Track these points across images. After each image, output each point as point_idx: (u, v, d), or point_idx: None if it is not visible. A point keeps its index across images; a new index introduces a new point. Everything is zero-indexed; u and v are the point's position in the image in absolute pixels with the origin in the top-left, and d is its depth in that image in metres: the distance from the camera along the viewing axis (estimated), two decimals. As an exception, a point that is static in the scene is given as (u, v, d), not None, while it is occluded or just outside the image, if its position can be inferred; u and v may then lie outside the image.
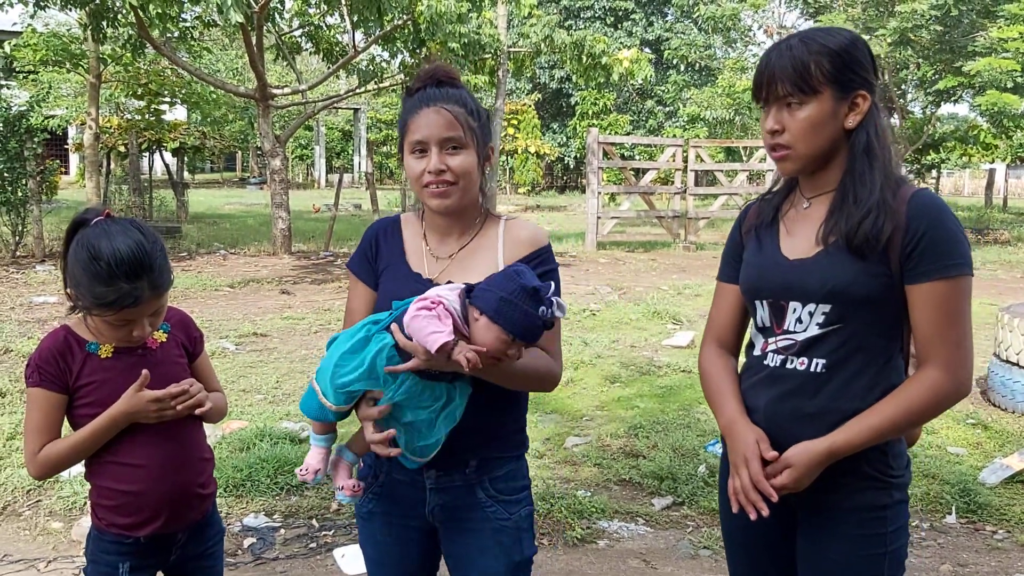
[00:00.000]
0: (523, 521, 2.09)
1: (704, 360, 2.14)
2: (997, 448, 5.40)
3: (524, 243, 2.04)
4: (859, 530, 1.90)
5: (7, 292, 10.22)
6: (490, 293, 1.80)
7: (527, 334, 1.81)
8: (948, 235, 1.81)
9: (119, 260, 2.00)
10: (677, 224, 17.36)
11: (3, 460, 4.87)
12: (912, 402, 1.82)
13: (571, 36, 16.64)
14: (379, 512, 2.12)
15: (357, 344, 1.87)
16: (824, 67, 1.82)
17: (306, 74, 26.62)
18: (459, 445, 1.96)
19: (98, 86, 17.57)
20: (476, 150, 1.99)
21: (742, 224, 2.11)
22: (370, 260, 2.13)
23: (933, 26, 17.46)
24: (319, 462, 1.99)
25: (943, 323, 1.81)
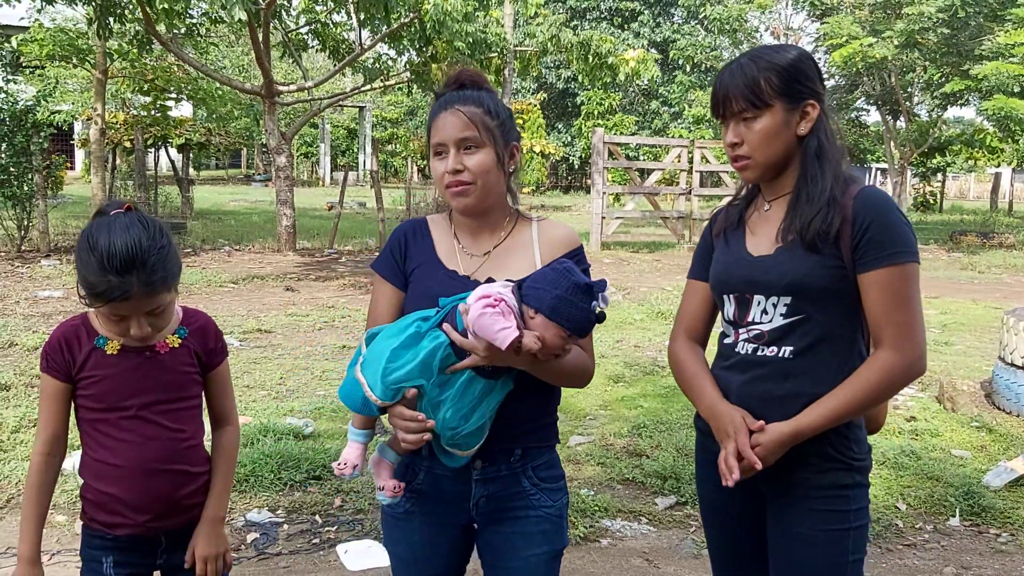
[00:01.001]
0: (563, 509, 2.15)
1: (677, 350, 2.28)
2: (1001, 451, 5.39)
3: (560, 243, 2.11)
4: (824, 506, 2.03)
5: (12, 286, 10.24)
6: (544, 291, 1.85)
7: (581, 330, 1.88)
8: (891, 226, 1.95)
9: (111, 253, 2.00)
10: (682, 225, 17.36)
11: (7, 453, 4.89)
12: (867, 383, 1.96)
13: (577, 36, 16.65)
14: (418, 511, 2.11)
15: (408, 340, 1.89)
16: (773, 82, 1.99)
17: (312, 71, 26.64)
18: (505, 434, 2.01)
19: (104, 81, 17.58)
20: (494, 148, 2.02)
21: (712, 227, 2.27)
22: (398, 261, 2.14)
23: (940, 29, 17.43)
24: (357, 457, 2.00)
25: (891, 307, 1.94)
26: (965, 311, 10.64)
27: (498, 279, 2.01)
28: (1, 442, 5.02)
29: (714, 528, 2.33)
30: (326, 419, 5.66)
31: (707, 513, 2.35)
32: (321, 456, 4.80)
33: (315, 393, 6.30)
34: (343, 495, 4.49)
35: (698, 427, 2.31)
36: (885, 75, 20.85)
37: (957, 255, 17.13)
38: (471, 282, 2.03)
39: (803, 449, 2.00)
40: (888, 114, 23.19)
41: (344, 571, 3.80)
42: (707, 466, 2.24)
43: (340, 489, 4.55)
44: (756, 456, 1.96)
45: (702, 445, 2.29)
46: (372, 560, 3.86)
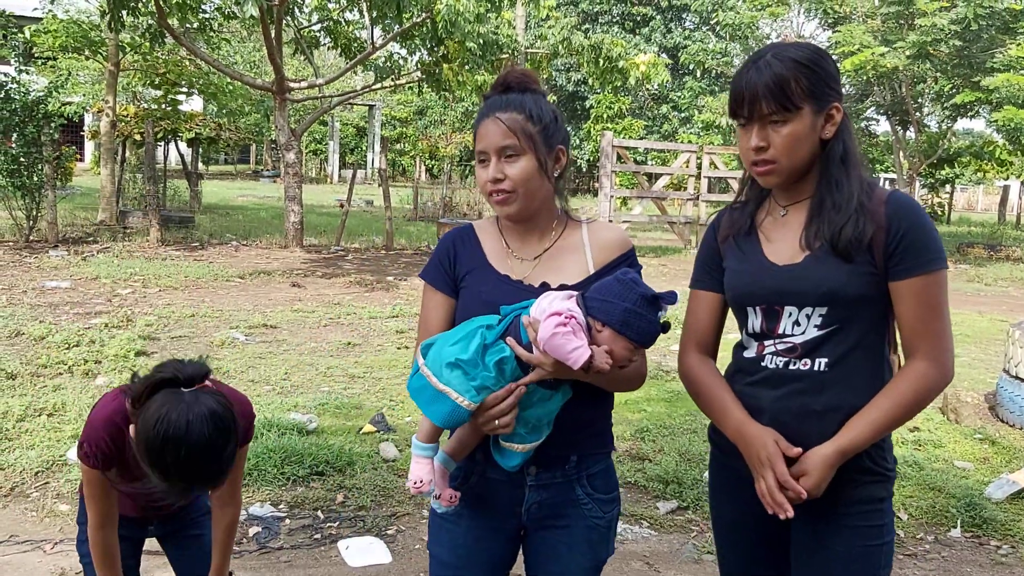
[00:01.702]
0: (614, 521, 2.13)
1: (690, 367, 2.15)
2: (1004, 463, 5.38)
3: (612, 246, 2.06)
4: (862, 522, 1.96)
5: (20, 276, 10.28)
6: (612, 304, 1.82)
7: (649, 340, 1.86)
8: (926, 232, 1.90)
9: (184, 471, 1.97)
10: (689, 230, 17.36)
11: (12, 441, 4.91)
12: (905, 395, 1.90)
13: (588, 39, 16.65)
14: (467, 515, 2.09)
15: (476, 353, 1.85)
16: (802, 83, 1.88)
17: (323, 69, 26.69)
18: (560, 440, 1.99)
19: (116, 74, 17.64)
20: (536, 155, 1.98)
21: (717, 233, 2.14)
22: (447, 269, 2.12)
23: (952, 41, 17.39)
24: (429, 473, 1.96)
25: (927, 316, 1.90)
26: (971, 323, 10.62)
27: (552, 283, 2.00)
28: (6, 431, 5.04)
29: (730, 549, 2.21)
30: (330, 415, 5.67)
31: (722, 533, 2.22)
32: (324, 452, 4.82)
33: (319, 389, 6.31)
34: (345, 491, 4.50)
35: (713, 441, 2.19)
36: (896, 85, 20.81)
37: (964, 267, 17.09)
38: (524, 286, 2.01)
39: (843, 464, 1.91)
40: (898, 124, 23.15)
41: (345, 567, 3.81)
42: (724, 485, 2.16)
43: (342, 485, 4.57)
44: (805, 487, 1.87)
45: (720, 462, 2.18)
46: (373, 557, 3.87)
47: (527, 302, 1.90)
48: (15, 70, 12.90)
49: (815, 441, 1.91)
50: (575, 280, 1.98)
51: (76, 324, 7.75)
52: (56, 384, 6.00)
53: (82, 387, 5.94)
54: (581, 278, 1.99)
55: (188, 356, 2.29)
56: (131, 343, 6.98)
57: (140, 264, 11.51)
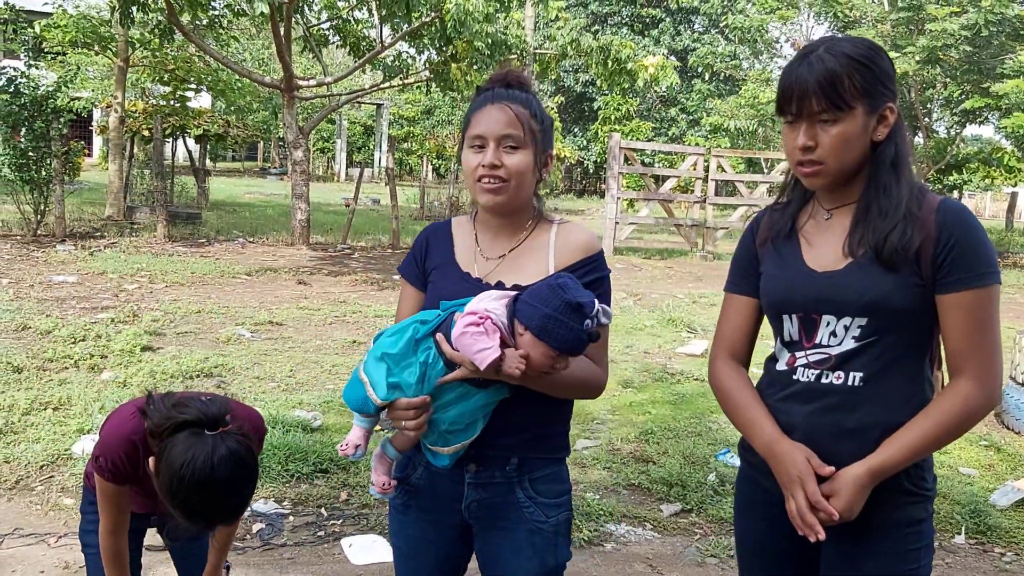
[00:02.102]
0: (561, 526, 2.07)
1: (720, 376, 2.07)
2: (1009, 471, 5.37)
3: (576, 249, 2.03)
4: (897, 545, 1.86)
5: (27, 270, 10.31)
6: (534, 308, 1.79)
7: (572, 349, 1.80)
8: (978, 243, 1.79)
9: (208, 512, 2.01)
10: (695, 233, 17.33)
11: (18, 435, 4.92)
12: (947, 416, 1.79)
13: (597, 40, 16.64)
14: (414, 505, 2.11)
15: (407, 343, 1.87)
16: (856, 81, 1.78)
17: (332, 67, 26.72)
18: (502, 442, 1.97)
19: (125, 70, 17.68)
20: (534, 153, 1.99)
21: (755, 235, 2.06)
22: (419, 263, 2.13)
23: (962, 46, 17.35)
24: (360, 439, 1.99)
25: (975, 333, 1.78)
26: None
27: (509, 283, 1.99)
28: (12, 424, 5.05)
29: (754, 568, 2.11)
30: (334, 413, 5.68)
31: (746, 552, 2.12)
32: (329, 450, 4.82)
33: (324, 387, 6.32)
34: (349, 489, 4.51)
35: (743, 456, 2.09)
36: (905, 90, 20.77)
37: (971, 273, 17.03)
38: (483, 285, 2.01)
39: (880, 484, 1.81)
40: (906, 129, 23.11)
41: (348, 564, 3.81)
42: (752, 503, 2.06)
43: (346, 483, 4.57)
44: (836, 508, 1.78)
45: (749, 479, 2.08)
46: (376, 555, 3.88)
47: (466, 299, 1.89)
48: (24, 65, 12.93)
49: (849, 460, 1.82)
50: (531, 281, 1.93)
51: (82, 319, 7.77)
52: (62, 378, 6.02)
53: (88, 381, 5.96)
54: (538, 279, 1.94)
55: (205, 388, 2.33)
56: (137, 338, 7.00)
57: (147, 260, 11.53)
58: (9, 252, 11.48)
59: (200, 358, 6.59)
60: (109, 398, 5.51)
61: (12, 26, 14.17)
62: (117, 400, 5.45)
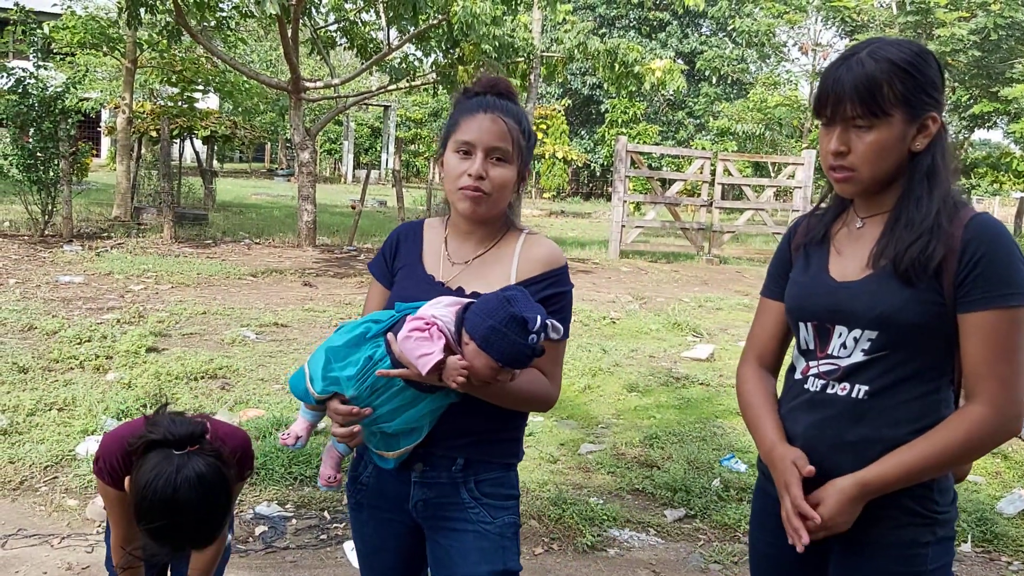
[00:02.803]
0: (506, 529, 2.06)
1: (744, 379, 2.06)
2: (1016, 478, 5.34)
3: (539, 261, 2.04)
4: (897, 567, 1.80)
5: (34, 270, 10.33)
6: (480, 319, 1.79)
7: (515, 362, 1.80)
8: (1006, 261, 1.70)
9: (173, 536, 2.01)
10: (701, 237, 17.30)
11: (23, 436, 4.93)
12: (952, 440, 1.72)
13: (605, 44, 16.62)
14: (366, 504, 2.14)
15: (354, 340, 1.91)
16: (896, 88, 1.72)
17: (339, 69, 26.77)
18: (447, 442, 1.99)
19: (133, 71, 17.72)
20: (518, 168, 2.01)
21: (791, 240, 2.03)
22: (388, 261, 2.16)
23: (971, 51, 17.31)
24: (302, 430, 2.04)
25: (994, 356, 1.70)
26: None
27: (470, 289, 2.00)
28: (17, 424, 5.06)
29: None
30: (338, 416, 5.67)
31: (756, 561, 2.10)
32: (332, 452, 4.81)
33: (329, 389, 6.31)
34: (352, 492, 4.50)
35: (760, 469, 2.06)
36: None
37: (978, 279, 16.98)
38: (444, 289, 2.02)
39: (879, 501, 1.77)
40: (914, 134, 23.05)
41: (350, 568, 3.80)
42: (764, 512, 2.03)
43: (350, 486, 4.56)
44: (821, 514, 1.75)
45: (763, 489, 2.05)
46: (379, 558, 3.86)
47: (421, 303, 1.90)
48: (33, 65, 12.96)
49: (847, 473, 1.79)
50: (492, 289, 1.93)
51: (88, 319, 7.78)
52: (67, 379, 6.03)
53: (93, 382, 5.96)
54: (499, 287, 1.94)
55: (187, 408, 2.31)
56: (143, 339, 7.00)
57: (153, 260, 11.55)
58: (16, 252, 11.51)
59: (205, 359, 6.59)
60: (114, 399, 5.52)
61: (21, 27, 14.18)
62: (122, 401, 5.46)
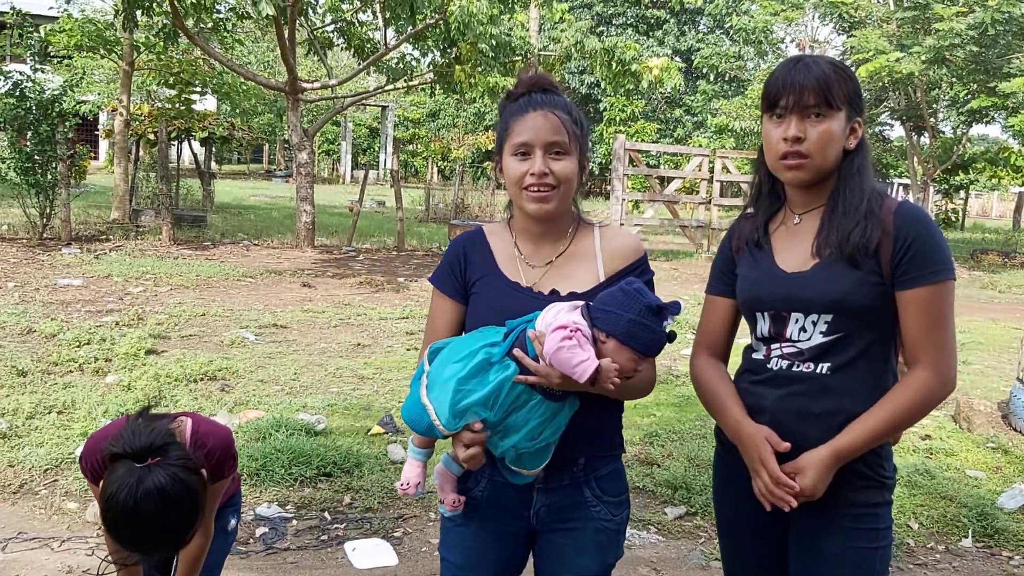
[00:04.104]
0: (623, 523, 2.12)
1: (698, 368, 2.21)
2: (1017, 473, 5.33)
3: (624, 252, 2.05)
4: (853, 524, 1.99)
5: (33, 273, 10.33)
6: (617, 315, 1.81)
7: (654, 350, 1.85)
8: (934, 243, 1.93)
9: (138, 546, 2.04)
10: (700, 234, 17.31)
11: (22, 439, 4.92)
12: (905, 403, 1.93)
13: (602, 42, 16.62)
14: (476, 518, 2.09)
15: (476, 368, 1.83)
16: (843, 88, 1.95)
17: (336, 70, 26.74)
18: (567, 444, 1.97)
19: (131, 73, 17.72)
20: (578, 158, 2.00)
21: (732, 240, 2.19)
22: (457, 275, 2.10)
23: (969, 46, 17.29)
24: (418, 476, 2.01)
25: (930, 326, 1.93)
26: (984, 330, 10.55)
27: (563, 291, 1.99)
28: (16, 428, 5.05)
29: (731, 545, 2.27)
30: (338, 416, 5.67)
31: (725, 529, 2.29)
32: (332, 453, 4.81)
33: (328, 390, 6.31)
34: (352, 493, 4.50)
35: (718, 439, 2.25)
36: (910, 90, 20.72)
37: (978, 274, 16.99)
38: (534, 293, 2.00)
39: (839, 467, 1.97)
40: (912, 130, 23.04)
41: (351, 569, 3.80)
42: (726, 480, 2.21)
43: (349, 487, 4.56)
44: (801, 485, 1.93)
45: (723, 459, 2.23)
46: (379, 559, 3.86)
47: (532, 315, 1.89)
48: (30, 69, 12.96)
49: (813, 443, 1.96)
50: (585, 288, 1.96)
51: (87, 322, 7.78)
52: (66, 382, 6.02)
53: (92, 385, 5.96)
54: (591, 286, 1.98)
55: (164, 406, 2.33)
56: (142, 342, 7.00)
57: (152, 263, 11.55)
58: (15, 255, 11.51)
59: (204, 361, 6.59)
60: (113, 402, 5.51)
61: (18, 30, 14.18)
62: (121, 404, 5.46)
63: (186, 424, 2.32)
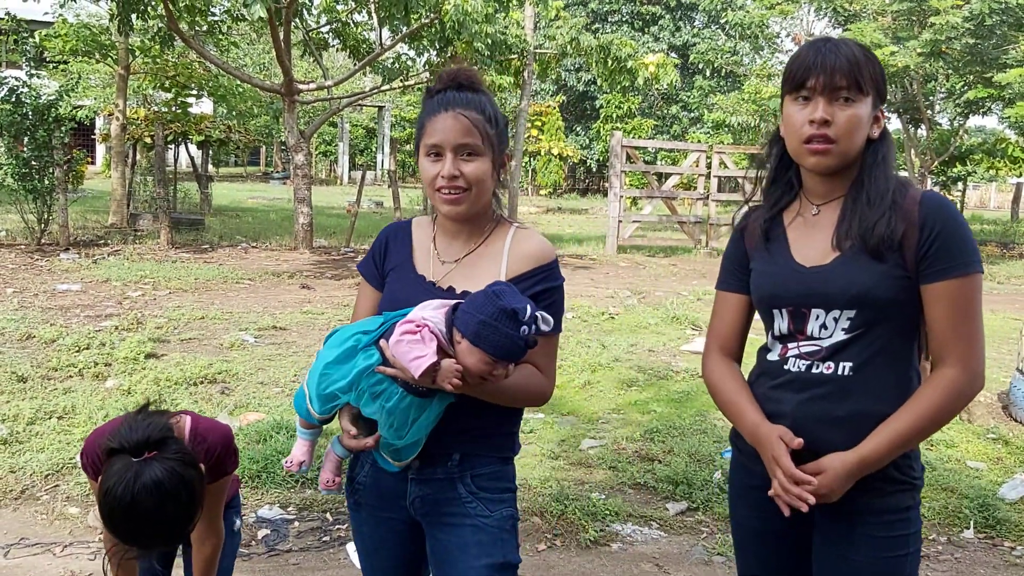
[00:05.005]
0: (505, 522, 2.06)
1: (711, 369, 2.13)
2: (1018, 464, 5.34)
3: (528, 257, 2.03)
4: (886, 532, 1.89)
5: (31, 279, 10.32)
6: (470, 316, 1.81)
7: (508, 355, 1.82)
8: (961, 234, 1.84)
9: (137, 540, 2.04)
10: (699, 230, 17.30)
11: (23, 444, 4.92)
12: (934, 404, 1.83)
13: (597, 39, 16.60)
14: (364, 503, 2.15)
15: (344, 354, 1.91)
16: (872, 72, 1.86)
17: (332, 70, 26.74)
18: (443, 439, 1.99)
19: (126, 77, 17.70)
20: (491, 157, 1.99)
21: (744, 233, 2.11)
22: (377, 263, 2.15)
23: (965, 38, 17.28)
24: (304, 454, 2.11)
25: (958, 320, 1.84)
26: (983, 321, 10.53)
27: (459, 288, 2.00)
28: (17, 433, 5.05)
29: (748, 554, 2.15)
30: (339, 417, 5.66)
31: (742, 537, 2.17)
32: (333, 454, 4.81)
33: (328, 391, 6.30)
34: (354, 493, 4.50)
35: (735, 444, 2.14)
36: (907, 83, 20.70)
37: (976, 265, 16.96)
38: (436, 289, 2.02)
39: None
40: (909, 122, 23.02)
41: (353, 570, 3.80)
42: (744, 489, 2.10)
43: (351, 487, 4.56)
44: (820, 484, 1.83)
45: (740, 465, 2.12)
46: (381, 559, 3.86)
47: (408, 309, 1.91)
48: (26, 74, 12.94)
49: (841, 448, 1.86)
50: (483, 287, 1.93)
51: (87, 327, 7.77)
52: (66, 387, 6.02)
53: (92, 390, 5.96)
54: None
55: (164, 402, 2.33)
56: (141, 346, 7.00)
57: (150, 266, 11.54)
58: (13, 261, 11.50)
59: (204, 364, 6.59)
60: (114, 406, 5.51)
61: (13, 36, 14.16)
62: (122, 408, 5.46)
63: (185, 421, 2.33)
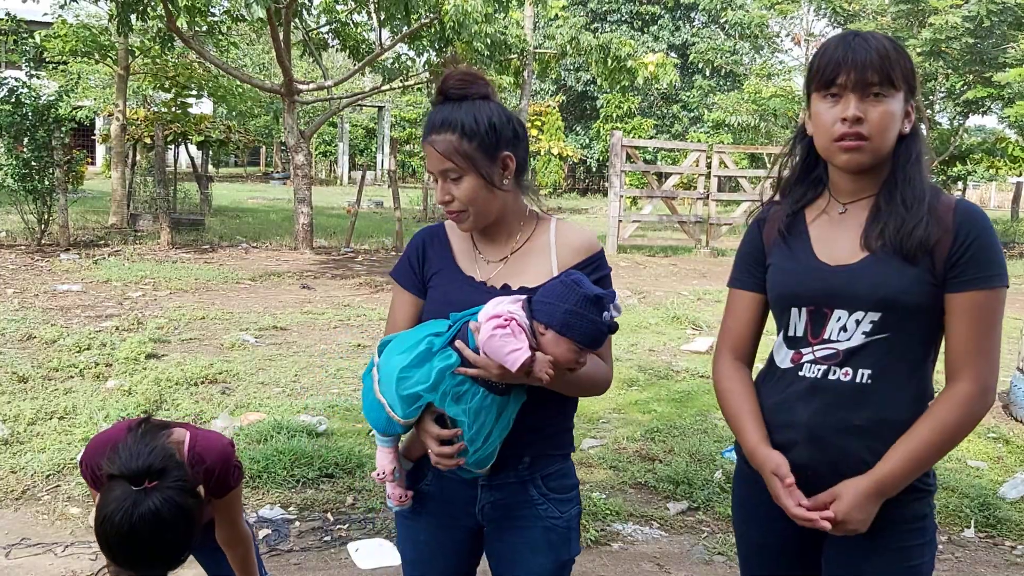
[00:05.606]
0: (573, 520, 2.10)
1: (721, 375, 2.06)
2: (1019, 463, 5.34)
3: (578, 249, 2.03)
4: (902, 542, 1.85)
5: (32, 279, 10.32)
6: (554, 306, 1.81)
7: (594, 342, 1.84)
8: (992, 245, 1.80)
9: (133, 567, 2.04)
10: (699, 229, 17.30)
11: (24, 445, 4.92)
12: (950, 422, 1.78)
13: (597, 39, 16.62)
14: (424, 512, 2.12)
15: (418, 358, 1.88)
16: (903, 66, 1.80)
17: (332, 71, 26.73)
18: (513, 442, 1.97)
19: (126, 78, 17.70)
20: (479, 171, 1.93)
21: (762, 228, 2.02)
22: (416, 269, 2.11)
23: (964, 38, 17.28)
24: (391, 462, 2.04)
25: (980, 334, 1.78)
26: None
27: (514, 285, 1.99)
28: (18, 434, 5.06)
29: (756, 568, 2.10)
30: (339, 417, 5.67)
31: (749, 552, 2.11)
32: (334, 454, 4.81)
33: (329, 391, 6.31)
34: (355, 493, 4.50)
35: (739, 454, 2.07)
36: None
37: (976, 264, 16.97)
38: (488, 288, 2.01)
39: None
40: (909, 121, 23.02)
41: (355, 569, 3.80)
42: (751, 501, 2.05)
43: (352, 487, 4.57)
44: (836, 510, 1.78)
45: (745, 476, 2.04)
46: (382, 559, 3.87)
47: (476, 308, 1.90)
48: (26, 75, 12.94)
49: (854, 458, 1.81)
50: (537, 282, 1.95)
51: (87, 327, 7.78)
52: (67, 387, 6.02)
53: (93, 390, 5.96)
54: (543, 280, 1.96)
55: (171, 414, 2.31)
56: (142, 346, 7.00)
57: (151, 267, 11.55)
58: (14, 262, 11.51)
59: (205, 364, 6.59)
60: (114, 407, 5.52)
61: (13, 37, 14.17)
62: (122, 408, 5.46)
63: (184, 438, 2.30)
